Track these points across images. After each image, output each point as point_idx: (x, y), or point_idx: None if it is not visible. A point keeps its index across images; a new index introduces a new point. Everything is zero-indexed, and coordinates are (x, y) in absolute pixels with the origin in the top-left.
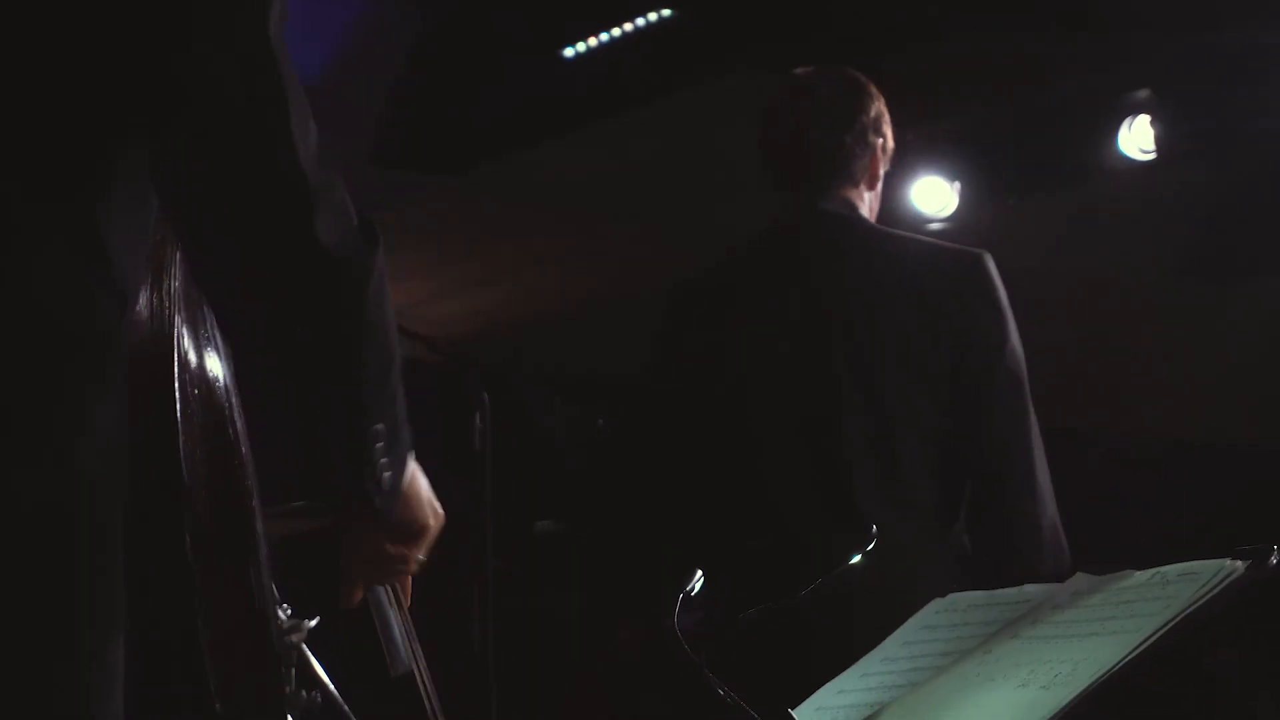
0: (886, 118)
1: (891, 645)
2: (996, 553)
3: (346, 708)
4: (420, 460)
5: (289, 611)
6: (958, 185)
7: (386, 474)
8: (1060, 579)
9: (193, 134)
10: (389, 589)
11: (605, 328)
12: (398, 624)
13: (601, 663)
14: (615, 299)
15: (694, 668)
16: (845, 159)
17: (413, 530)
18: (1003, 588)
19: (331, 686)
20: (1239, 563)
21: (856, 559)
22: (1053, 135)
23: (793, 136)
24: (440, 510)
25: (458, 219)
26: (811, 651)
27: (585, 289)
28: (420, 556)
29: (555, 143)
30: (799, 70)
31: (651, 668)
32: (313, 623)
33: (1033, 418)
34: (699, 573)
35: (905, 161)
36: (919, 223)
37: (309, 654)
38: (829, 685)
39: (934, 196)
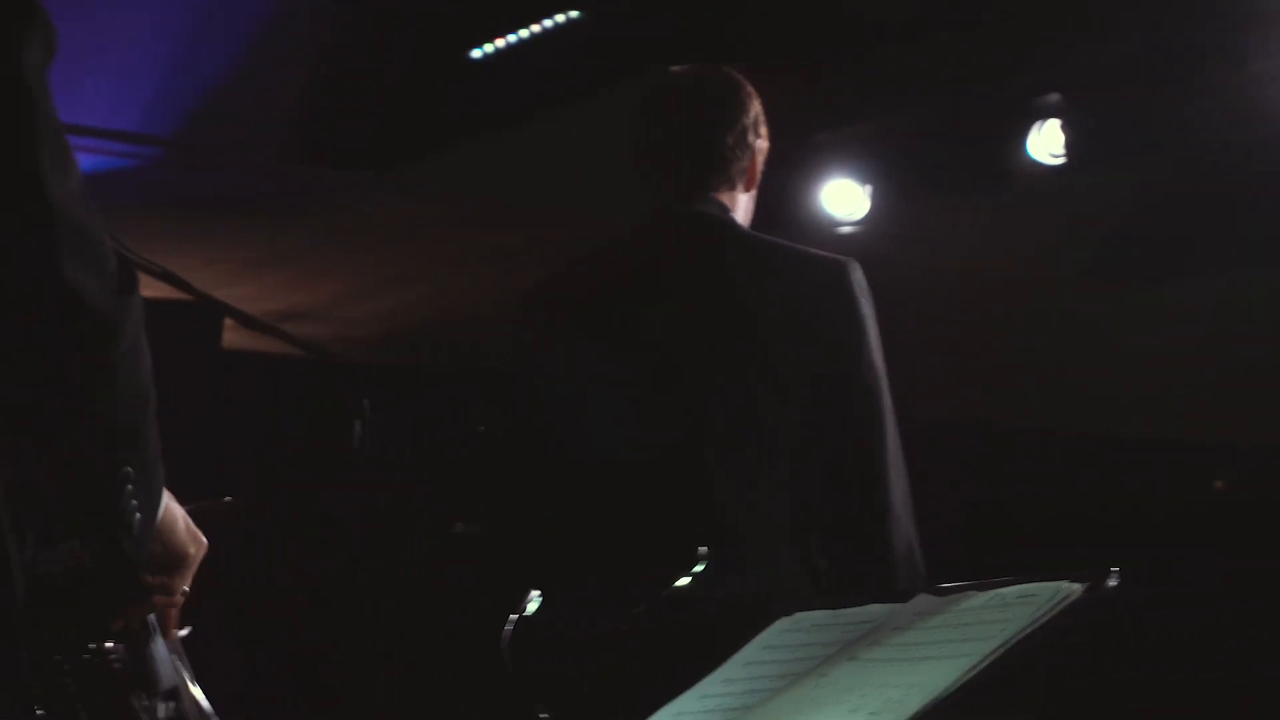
0: (764, 119)
1: (733, 665)
2: (848, 572)
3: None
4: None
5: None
6: (869, 188)
7: (136, 516)
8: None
9: None
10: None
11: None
12: (160, 644)
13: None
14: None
15: (524, 688)
16: (725, 160)
17: (171, 561)
18: (849, 606)
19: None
20: (1076, 585)
21: (710, 575)
22: (964, 139)
23: (671, 135)
24: (203, 538)
25: (378, 217)
26: (664, 670)
27: (502, 287)
28: (184, 585)
29: (472, 141)
30: (676, 68)
31: None
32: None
33: (889, 433)
34: (535, 593)
35: (816, 164)
36: (829, 225)
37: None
38: (667, 707)
39: (845, 199)
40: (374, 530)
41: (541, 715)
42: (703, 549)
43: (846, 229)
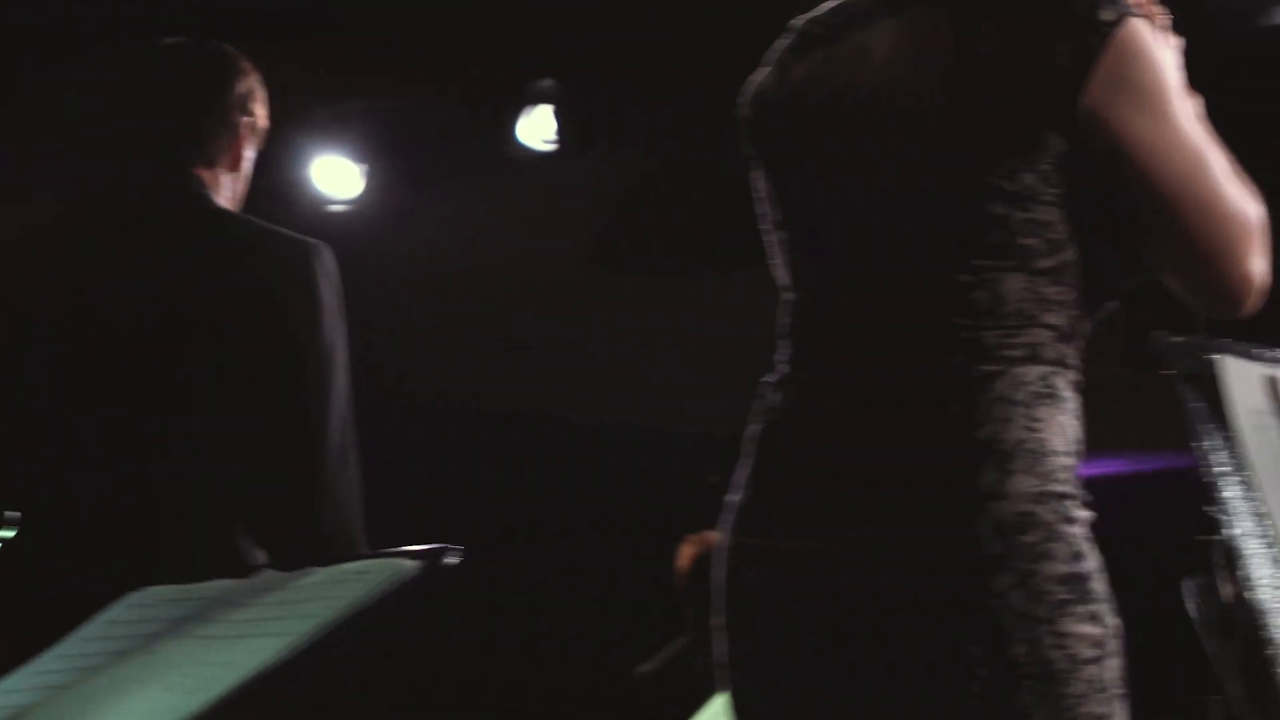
0: (258, 95)
1: (71, 641)
2: (282, 560)
3: None
4: None
5: None
6: (364, 167)
7: None
8: None
9: None
10: None
11: None
12: None
13: None
14: None
15: None
16: (204, 137)
17: None
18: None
19: None
20: (413, 562)
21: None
22: (457, 121)
23: (150, 108)
24: None
25: None
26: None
27: None
28: None
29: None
30: (164, 40)
31: None
32: None
33: (334, 420)
34: None
35: (309, 140)
36: (320, 204)
37: None
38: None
39: (337, 177)
40: None
41: None
42: (11, 514)
43: (338, 207)
